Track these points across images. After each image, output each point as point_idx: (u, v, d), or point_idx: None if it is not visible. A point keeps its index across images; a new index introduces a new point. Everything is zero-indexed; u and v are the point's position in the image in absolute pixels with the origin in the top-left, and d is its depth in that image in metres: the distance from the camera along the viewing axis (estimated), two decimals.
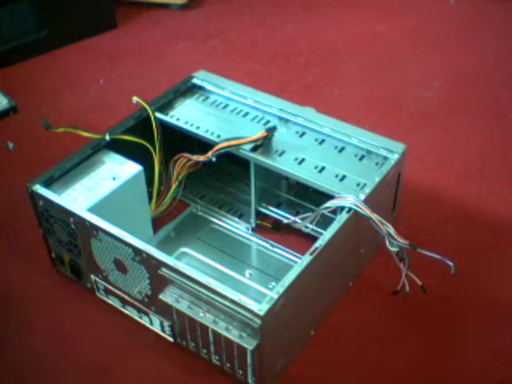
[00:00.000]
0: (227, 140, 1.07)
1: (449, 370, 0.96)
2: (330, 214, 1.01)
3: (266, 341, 0.84)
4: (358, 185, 1.02)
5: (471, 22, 1.84)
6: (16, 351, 0.99)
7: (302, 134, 1.12)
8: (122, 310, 1.03)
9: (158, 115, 1.14)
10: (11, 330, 1.02)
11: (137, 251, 0.91)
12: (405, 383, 0.95)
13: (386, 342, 1.00)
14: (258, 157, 1.06)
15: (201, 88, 1.23)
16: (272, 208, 1.16)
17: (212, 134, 1.11)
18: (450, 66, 1.64)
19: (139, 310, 0.99)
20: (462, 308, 1.04)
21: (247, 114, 1.17)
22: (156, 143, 1.08)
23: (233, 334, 0.85)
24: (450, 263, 0.93)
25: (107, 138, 1.06)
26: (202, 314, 0.88)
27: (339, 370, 0.96)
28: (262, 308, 0.81)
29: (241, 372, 0.90)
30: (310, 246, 0.90)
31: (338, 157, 1.07)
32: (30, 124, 1.40)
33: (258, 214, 1.16)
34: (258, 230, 1.16)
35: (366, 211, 0.95)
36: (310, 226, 1.07)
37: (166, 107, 1.18)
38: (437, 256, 0.94)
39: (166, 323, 0.96)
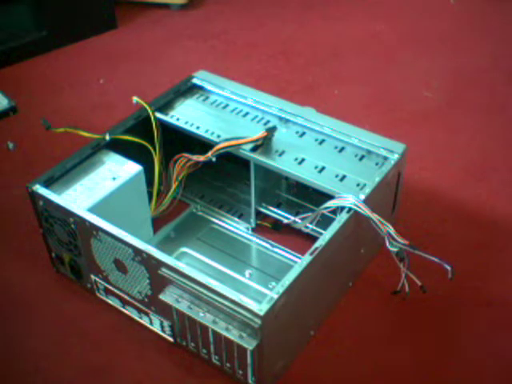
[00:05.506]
0: (227, 140, 1.07)
1: (449, 370, 0.96)
2: (330, 214, 1.01)
3: (266, 341, 0.84)
4: (358, 185, 1.02)
5: (471, 22, 1.84)
6: (16, 351, 0.99)
7: (302, 134, 1.12)
8: (122, 309, 1.03)
9: (158, 115, 1.14)
10: (11, 330, 1.02)
11: (137, 251, 0.91)
12: (405, 383, 0.95)
13: (386, 342, 1.00)
14: (257, 157, 1.06)
15: (201, 88, 1.23)
16: (272, 208, 1.16)
17: (212, 134, 1.11)
18: (449, 66, 1.64)
19: (139, 310, 0.99)
20: (462, 308, 1.04)
21: (247, 113, 1.17)
22: (156, 143, 1.08)
23: (233, 334, 0.85)
24: (448, 267, 0.93)
25: (107, 138, 1.06)
26: (202, 314, 0.88)
27: (339, 370, 0.96)
28: (262, 308, 0.81)
29: (241, 372, 0.90)
30: (310, 245, 0.90)
31: (337, 157, 1.07)
32: (30, 124, 1.40)
33: (258, 213, 1.16)
34: (257, 229, 1.16)
35: (365, 211, 0.95)
36: (310, 226, 1.07)
37: (166, 107, 1.18)
38: (435, 259, 0.94)
39: (166, 323, 0.96)
